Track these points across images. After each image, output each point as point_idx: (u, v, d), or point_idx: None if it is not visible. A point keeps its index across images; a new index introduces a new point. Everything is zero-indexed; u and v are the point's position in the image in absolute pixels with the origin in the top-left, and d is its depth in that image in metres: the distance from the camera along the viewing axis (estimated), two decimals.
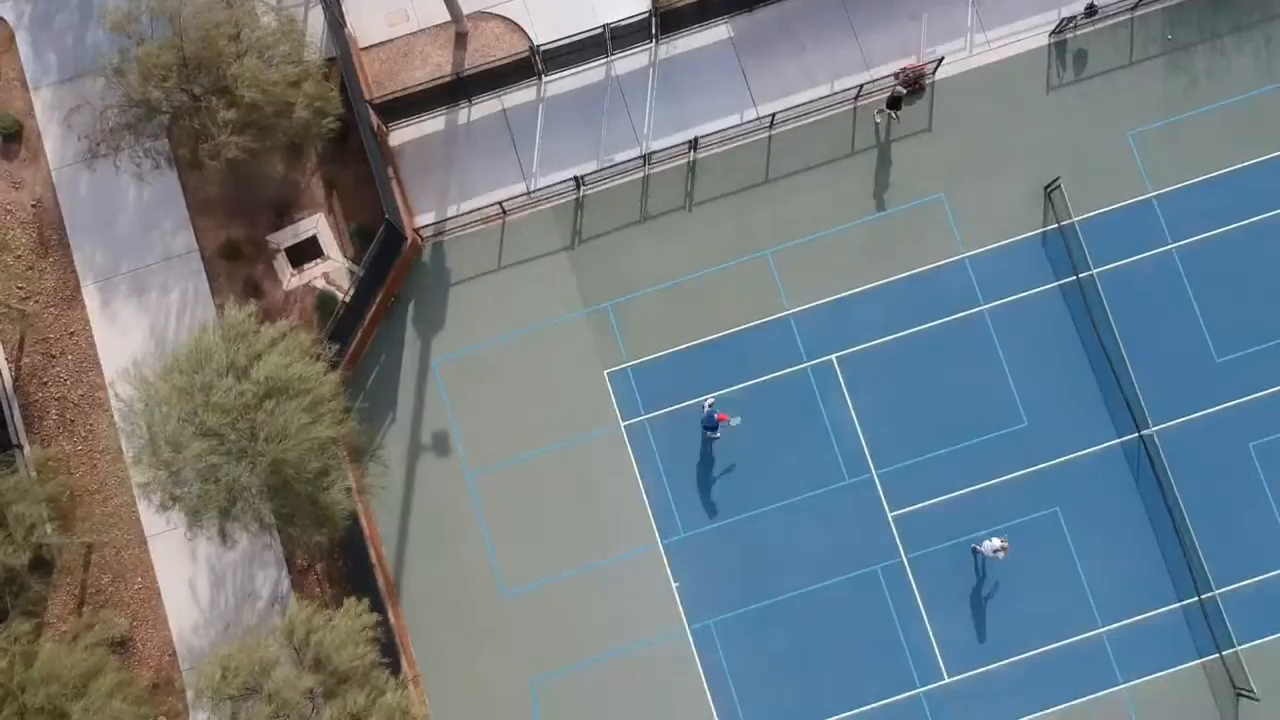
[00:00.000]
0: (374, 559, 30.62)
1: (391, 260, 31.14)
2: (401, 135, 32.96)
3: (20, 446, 31.51)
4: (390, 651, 29.98)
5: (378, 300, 31.55)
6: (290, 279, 32.80)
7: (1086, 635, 30.68)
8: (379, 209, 31.53)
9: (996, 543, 29.70)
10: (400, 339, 32.48)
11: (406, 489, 31.91)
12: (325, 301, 32.27)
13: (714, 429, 30.97)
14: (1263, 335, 31.48)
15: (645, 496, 31.62)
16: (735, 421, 30.88)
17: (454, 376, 32.24)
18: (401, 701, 25.46)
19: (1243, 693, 29.98)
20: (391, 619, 30.57)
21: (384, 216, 30.42)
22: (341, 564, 30.95)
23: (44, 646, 24.84)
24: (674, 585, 31.23)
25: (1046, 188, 32.00)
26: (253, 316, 26.20)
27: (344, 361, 31.17)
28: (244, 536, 30.91)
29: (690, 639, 31.03)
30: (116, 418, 27.88)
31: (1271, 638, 30.48)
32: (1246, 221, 31.82)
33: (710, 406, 30.49)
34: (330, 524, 26.15)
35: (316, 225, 32.84)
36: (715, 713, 30.74)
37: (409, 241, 31.43)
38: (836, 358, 31.89)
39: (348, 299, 30.06)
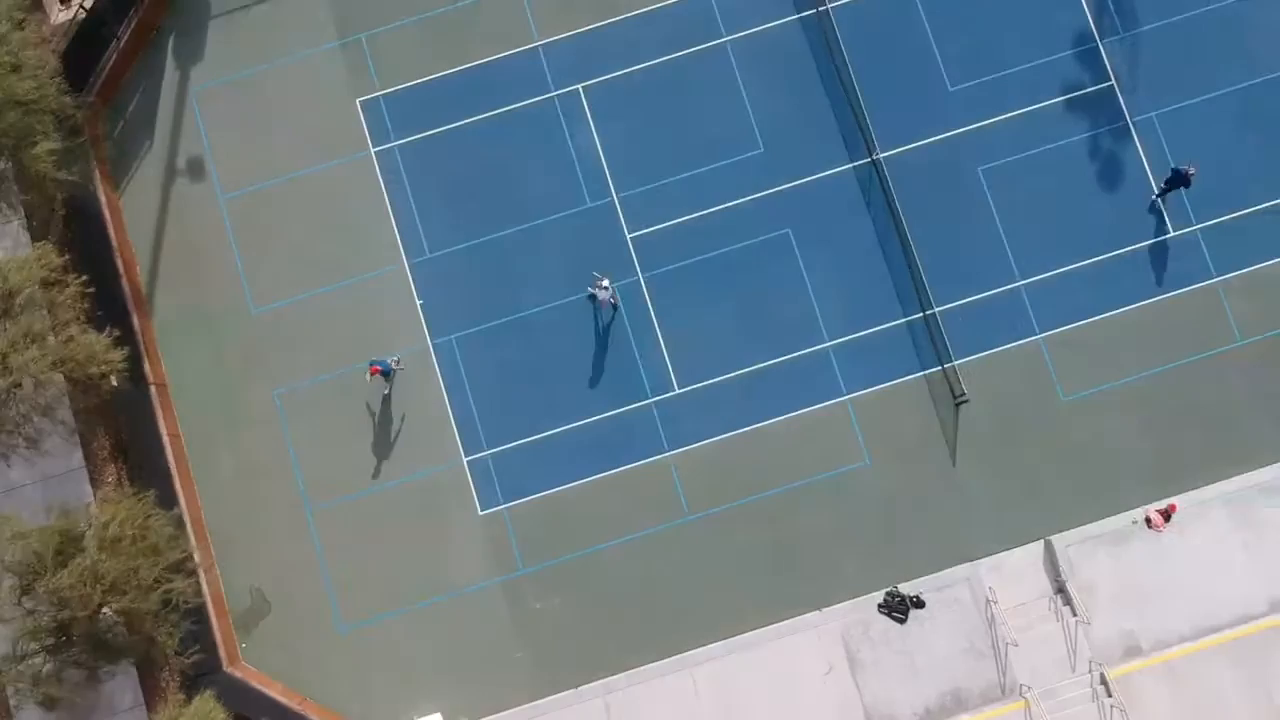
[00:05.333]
0: (120, 270, 31.47)
1: None
2: None
3: None
4: (137, 362, 30.95)
5: (133, 27, 32.30)
6: (58, 13, 33.44)
7: (813, 349, 31.65)
8: None
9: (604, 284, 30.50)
10: (160, 70, 33.20)
11: (161, 212, 32.75)
12: None
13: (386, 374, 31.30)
14: (995, 65, 32.30)
15: (393, 218, 32.46)
16: (394, 360, 31.33)
17: (211, 105, 33.01)
18: (100, 344, 26.09)
19: (961, 400, 30.97)
20: (138, 330, 31.46)
21: None
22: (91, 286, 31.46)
23: None
24: (418, 303, 32.11)
25: None
26: None
27: (97, 86, 32.08)
28: None
29: (432, 352, 31.94)
30: None
31: (988, 352, 31.44)
32: None
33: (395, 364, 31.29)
34: (39, 188, 26.85)
35: None
36: (454, 422, 31.69)
37: None
38: (583, 87, 32.70)
39: (87, 4, 30.69)
